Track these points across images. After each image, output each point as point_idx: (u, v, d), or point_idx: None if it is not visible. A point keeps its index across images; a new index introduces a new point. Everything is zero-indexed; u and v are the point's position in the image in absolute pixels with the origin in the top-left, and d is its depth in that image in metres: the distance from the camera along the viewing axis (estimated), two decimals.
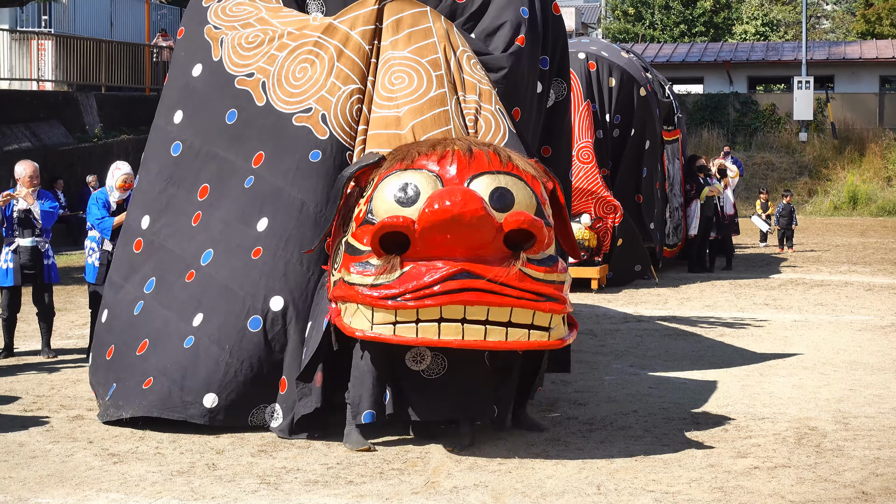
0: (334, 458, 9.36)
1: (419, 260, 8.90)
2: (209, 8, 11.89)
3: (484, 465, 9.15)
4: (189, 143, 11.47)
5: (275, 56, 11.25)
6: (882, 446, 9.74)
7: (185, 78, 11.79)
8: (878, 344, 14.80)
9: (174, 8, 44.47)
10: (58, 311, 14.49)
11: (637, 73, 21.95)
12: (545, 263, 9.08)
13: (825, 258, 26.05)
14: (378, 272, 8.98)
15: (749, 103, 44.89)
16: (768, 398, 11.62)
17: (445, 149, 9.55)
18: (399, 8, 11.34)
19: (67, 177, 28.75)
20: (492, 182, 9.31)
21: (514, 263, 8.87)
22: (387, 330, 9.01)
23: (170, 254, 11.11)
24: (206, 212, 11.04)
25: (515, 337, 8.95)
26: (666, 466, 9.12)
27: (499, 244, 8.90)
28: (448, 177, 9.32)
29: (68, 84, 33.80)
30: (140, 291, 11.09)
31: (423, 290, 8.82)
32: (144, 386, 10.38)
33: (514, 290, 8.84)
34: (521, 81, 11.95)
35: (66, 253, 24.81)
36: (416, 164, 9.47)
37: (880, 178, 40.91)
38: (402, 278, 8.89)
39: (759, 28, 58.39)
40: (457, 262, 8.82)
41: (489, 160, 9.48)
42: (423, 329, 8.91)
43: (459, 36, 11.47)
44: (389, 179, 9.45)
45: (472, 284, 8.79)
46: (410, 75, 10.95)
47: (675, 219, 23.54)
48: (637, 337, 15.34)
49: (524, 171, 9.59)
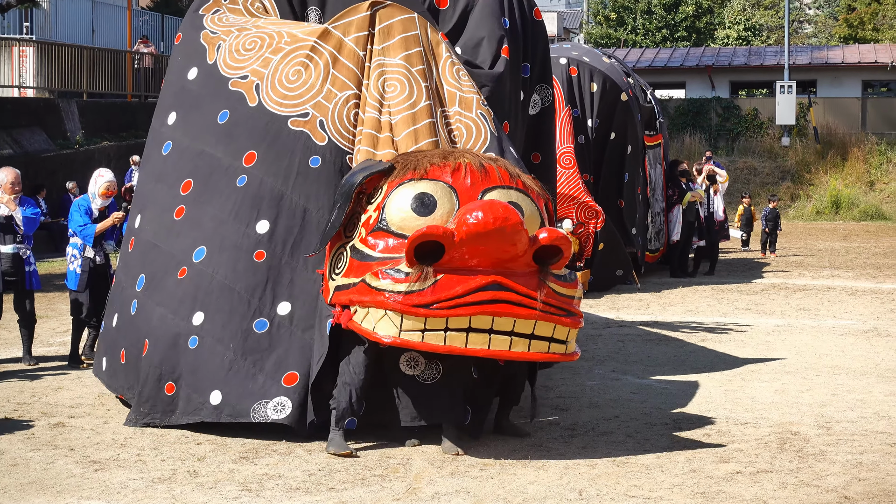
0: (316, 464, 9.34)
1: (451, 269, 9.05)
2: (206, 16, 11.98)
3: (465, 470, 9.15)
4: (178, 142, 11.53)
5: (269, 59, 11.31)
6: (864, 451, 9.75)
7: (181, 82, 11.87)
8: (861, 348, 14.82)
9: (156, 14, 44.43)
10: (39, 318, 14.43)
11: (618, 79, 21.97)
12: (566, 279, 9.37)
13: (808, 263, 26.09)
14: (410, 280, 9.06)
15: (731, 108, 44.98)
16: (750, 403, 11.63)
17: (457, 161, 9.75)
18: (390, 14, 11.41)
19: (49, 184, 28.64)
20: (504, 196, 9.55)
21: (543, 278, 9.13)
22: (415, 336, 9.13)
23: (155, 249, 11.16)
24: (192, 207, 11.06)
25: (537, 349, 9.20)
26: (648, 472, 9.12)
27: (528, 258, 9.14)
28: (463, 189, 9.54)
29: (50, 90, 33.72)
30: (133, 290, 11.16)
31: (456, 299, 8.98)
32: (167, 392, 10.48)
33: (541, 304, 9.08)
34: (507, 95, 12.02)
35: (48, 260, 24.73)
36: (430, 174, 9.66)
37: (863, 183, 41.02)
38: (436, 287, 9.01)
39: (741, 33, 58.54)
40: (489, 274, 9.01)
41: (500, 175, 9.73)
42: (451, 337, 9.06)
43: (444, 43, 11.51)
44: (404, 188, 9.63)
45: (503, 297, 8.99)
46: (402, 83, 11.04)
47: (656, 224, 23.56)
48: (619, 342, 15.34)
49: (530, 188, 9.90)
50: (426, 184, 9.60)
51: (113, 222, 13.54)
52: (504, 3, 12.45)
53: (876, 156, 41.80)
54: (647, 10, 55.85)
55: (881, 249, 29.20)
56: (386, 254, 9.45)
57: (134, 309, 11.07)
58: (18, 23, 36.54)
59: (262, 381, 10.17)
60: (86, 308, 13.61)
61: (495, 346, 9.11)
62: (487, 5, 12.35)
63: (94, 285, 13.61)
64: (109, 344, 11.58)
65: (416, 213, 9.47)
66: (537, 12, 12.93)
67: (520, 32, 12.46)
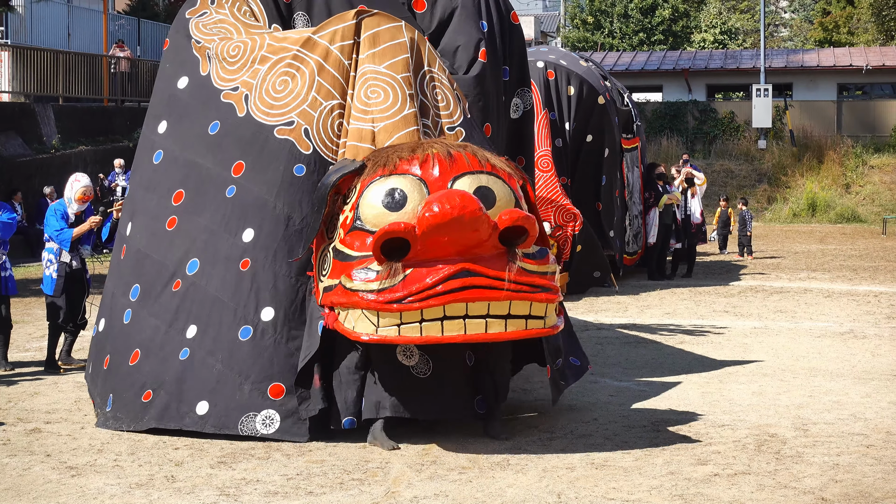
0: (294, 468, 9.32)
1: (419, 262, 9.27)
2: (191, 20, 12.03)
3: (444, 474, 9.14)
4: (169, 152, 11.57)
5: (257, 70, 11.35)
6: (841, 452, 9.77)
7: (171, 90, 11.91)
8: (838, 350, 14.86)
9: (132, 18, 44.30)
10: (15, 323, 14.37)
11: (596, 82, 22.00)
12: (537, 257, 9.57)
13: (784, 265, 26.16)
14: (381, 277, 9.31)
15: (708, 111, 45.11)
16: (728, 405, 11.65)
17: (425, 152, 9.93)
18: (376, 22, 11.42)
19: (25, 188, 28.57)
20: (474, 182, 9.74)
21: (511, 259, 9.33)
22: (392, 332, 9.36)
23: (148, 259, 11.23)
24: (184, 217, 11.12)
25: (514, 327, 9.40)
26: (626, 474, 9.12)
27: (494, 241, 9.33)
28: (432, 179, 9.71)
29: (25, 95, 33.61)
30: (127, 299, 11.22)
31: (427, 290, 9.19)
32: (144, 399, 10.54)
33: (512, 284, 9.29)
34: (488, 98, 12.04)
35: (24, 265, 24.64)
36: (398, 169, 9.85)
37: (839, 186, 41.15)
38: (406, 281, 9.24)
39: (717, 36, 58.65)
40: (456, 262, 9.24)
41: (468, 161, 9.89)
42: (427, 328, 9.29)
43: (431, 51, 11.53)
44: (374, 185, 9.82)
45: (472, 282, 9.22)
46: (386, 91, 11.06)
47: (634, 227, 23.59)
48: (597, 345, 15.35)
49: (501, 169, 10.04)
50: (395, 179, 9.78)
51: (90, 226, 13.50)
52: (482, 6, 12.45)
53: (851, 158, 41.95)
54: (624, 13, 55.93)
55: (857, 252, 29.29)
56: (364, 252, 9.61)
57: (127, 318, 11.12)
58: None
59: (248, 391, 10.24)
60: (62, 313, 13.57)
61: (472, 330, 9.31)
62: (465, 9, 12.35)
63: (70, 290, 13.58)
64: (97, 349, 11.63)
65: (388, 208, 9.64)
66: (514, 16, 12.94)
67: (497, 36, 12.47)
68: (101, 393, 11.14)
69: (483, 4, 12.46)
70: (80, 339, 14.34)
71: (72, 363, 13.82)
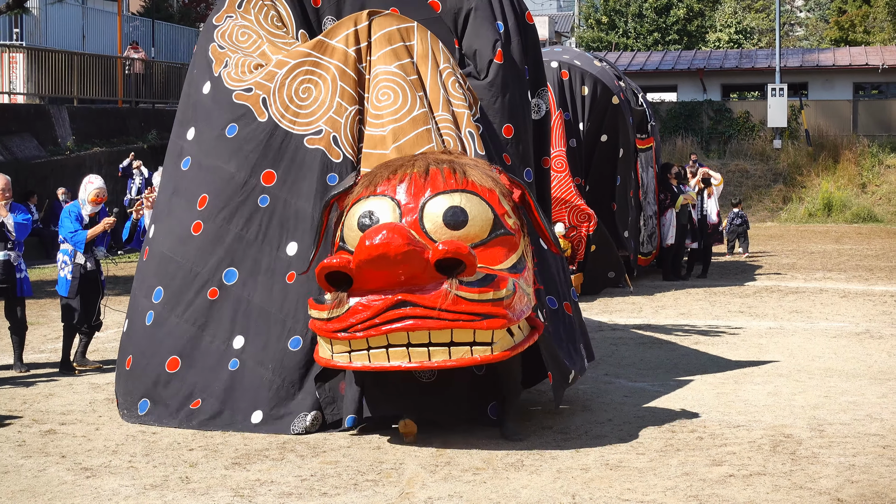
0: (308, 469, 9.32)
1: (363, 292, 9.48)
2: (218, 27, 12.13)
3: (458, 475, 9.13)
4: (196, 158, 11.70)
5: (273, 73, 11.46)
6: (857, 453, 9.74)
7: (197, 95, 12.02)
8: (853, 351, 14.82)
9: (146, 20, 44.39)
10: (30, 324, 14.39)
11: (610, 82, 21.96)
12: (479, 284, 9.48)
13: (800, 265, 26.10)
14: (330, 307, 9.58)
15: (723, 111, 44.99)
16: (743, 406, 11.62)
17: (404, 172, 10.11)
18: (387, 22, 11.55)
19: (40, 190, 28.59)
20: (446, 202, 9.94)
21: (449, 289, 9.37)
22: (343, 358, 9.71)
23: (172, 262, 11.38)
24: (210, 222, 11.28)
25: (458, 355, 9.55)
26: (641, 475, 9.10)
27: (431, 273, 9.39)
28: (404, 202, 9.96)
29: (40, 97, 33.67)
30: (149, 301, 11.38)
31: (368, 321, 9.44)
32: (192, 406, 10.83)
33: (450, 314, 9.39)
34: (508, 98, 12.03)
35: (39, 266, 24.69)
36: (377, 190, 10.09)
37: (855, 185, 41.03)
38: (349, 312, 9.48)
39: (732, 36, 58.53)
40: (395, 293, 9.40)
41: (444, 179, 10.05)
42: (374, 356, 9.58)
43: (444, 52, 11.57)
44: (356, 207, 10.13)
45: (410, 313, 9.39)
46: (396, 92, 11.19)
47: (648, 227, 23.53)
48: (612, 345, 15.33)
49: (480, 186, 10.11)
50: (372, 201, 10.05)
51: (104, 228, 13.53)
52: (495, 8, 12.44)
53: (867, 158, 41.82)
54: (639, 13, 55.84)
55: (873, 251, 29.22)
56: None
57: (149, 319, 11.29)
58: (8, 29, 36.43)
59: (300, 399, 10.62)
60: (77, 314, 13.59)
61: (416, 359, 9.55)
62: (481, 11, 12.34)
63: (84, 291, 13.61)
64: (121, 349, 11.75)
65: (363, 231, 9.85)
66: (529, 16, 12.92)
67: (516, 35, 12.47)
68: (125, 393, 11.27)
69: (498, 5, 12.44)
70: (94, 340, 14.37)
71: (86, 364, 13.84)
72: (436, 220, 9.87)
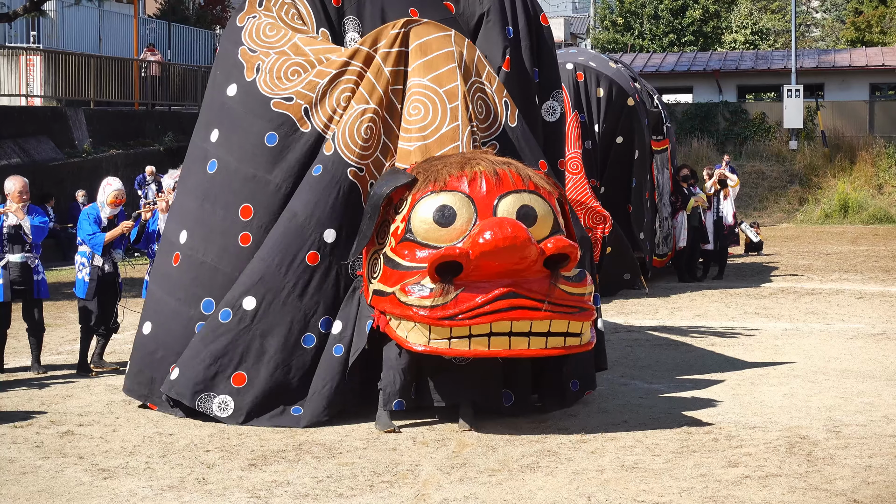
0: (324, 471, 9.35)
1: (470, 282, 9.99)
2: (243, 28, 12.14)
3: (474, 476, 9.15)
4: (224, 162, 11.72)
5: (315, 83, 11.58)
6: (873, 454, 9.73)
7: (221, 98, 12.04)
8: (870, 352, 14.80)
9: (162, 22, 44.50)
10: (48, 326, 14.45)
11: (625, 83, 21.93)
12: (577, 279, 10.32)
13: (816, 266, 26.05)
14: (434, 295, 9.99)
15: (739, 112, 44.90)
16: (759, 407, 11.62)
17: (473, 170, 10.56)
18: (424, 31, 11.70)
19: (57, 192, 28.67)
20: (517, 201, 10.46)
21: (553, 282, 10.05)
22: (443, 344, 10.11)
23: (220, 273, 11.50)
24: (258, 233, 11.43)
25: (554, 344, 10.20)
26: (657, 476, 9.11)
27: (539, 266, 10.06)
28: (479, 197, 10.40)
29: (57, 99, 33.76)
30: (197, 311, 11.49)
31: (476, 309, 9.93)
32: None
33: (553, 306, 10.04)
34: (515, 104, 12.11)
35: (56, 268, 24.75)
36: (448, 185, 10.49)
37: (871, 186, 40.93)
38: (457, 300, 9.97)
39: (748, 37, 58.43)
40: (504, 284, 9.96)
41: (512, 179, 10.56)
42: (475, 342, 10.05)
43: (481, 59, 11.76)
44: (426, 200, 10.49)
45: (517, 303, 9.95)
46: (426, 106, 11.42)
47: (664, 229, 23.50)
48: (627, 347, 15.33)
49: (542, 188, 10.71)
50: (446, 196, 10.44)
51: (122, 231, 13.57)
52: (508, 11, 12.46)
53: (884, 159, 41.71)
54: (654, 14, 55.77)
55: (890, 253, 29.15)
56: (413, 263, 10.31)
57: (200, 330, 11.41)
58: (25, 32, 36.58)
59: (213, 372, 11.01)
60: (94, 316, 13.64)
61: (515, 347, 10.09)
62: (494, 15, 12.38)
63: (102, 294, 13.65)
64: (146, 353, 11.81)
65: (438, 224, 10.36)
66: (543, 17, 12.93)
67: (526, 38, 12.49)
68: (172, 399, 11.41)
69: (510, 8, 12.46)
70: (111, 342, 14.41)
71: (104, 366, 13.88)
72: (509, 216, 10.32)
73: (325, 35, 12.05)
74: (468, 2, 12.54)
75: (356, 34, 12.05)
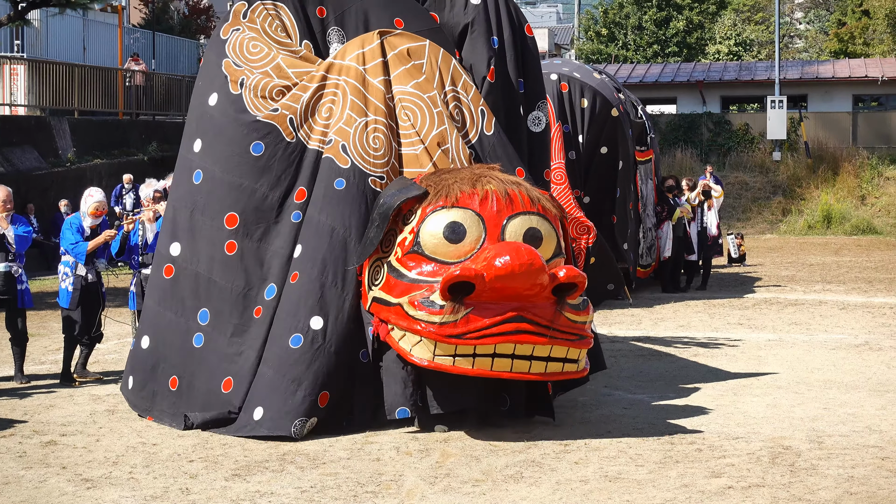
0: (308, 481, 9.34)
1: (480, 303, 10.13)
2: (228, 41, 12.22)
3: (458, 486, 9.15)
4: (209, 172, 11.81)
5: (298, 95, 11.76)
6: (856, 465, 9.75)
7: (203, 107, 12.14)
8: (853, 363, 14.83)
9: (147, 32, 44.45)
10: (31, 336, 14.41)
11: (609, 94, 21.97)
12: (580, 308, 10.50)
13: (799, 277, 26.11)
14: (444, 312, 10.12)
15: (722, 123, 45.01)
16: (742, 418, 11.64)
17: (485, 188, 10.76)
18: (399, 41, 11.97)
19: (41, 202, 28.63)
20: (525, 222, 10.72)
21: (559, 309, 10.27)
22: (447, 361, 10.28)
23: (212, 283, 11.60)
24: (247, 242, 11.55)
25: (553, 369, 10.43)
26: (640, 487, 9.12)
27: (548, 293, 10.26)
28: (489, 216, 10.62)
29: (41, 108, 33.69)
30: (195, 322, 11.60)
31: (484, 330, 10.11)
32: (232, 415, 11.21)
33: (556, 332, 10.25)
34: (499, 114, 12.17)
35: (40, 278, 24.70)
36: (460, 202, 10.68)
37: (854, 197, 41.03)
38: (467, 319, 10.13)
39: (732, 48, 58.52)
40: (512, 307, 10.13)
41: (522, 201, 10.79)
42: (479, 362, 10.24)
43: (456, 68, 11.84)
44: (436, 216, 10.69)
45: (523, 327, 10.13)
46: (415, 112, 11.66)
47: (648, 239, 23.52)
48: (611, 357, 15.32)
49: (548, 210, 10.97)
50: (456, 212, 10.64)
51: (104, 240, 13.56)
52: (493, 22, 12.50)
53: (867, 170, 41.84)
54: (639, 25, 55.86)
55: (872, 264, 29.23)
56: (420, 276, 10.52)
57: (199, 342, 11.52)
58: (9, 41, 36.47)
59: (301, 398, 10.78)
60: (78, 326, 13.62)
61: (517, 369, 10.28)
62: (478, 25, 12.42)
63: (85, 303, 13.63)
64: (147, 366, 11.89)
65: (448, 240, 10.58)
66: (528, 28, 12.97)
67: (511, 48, 12.52)
68: (173, 415, 11.43)
69: (495, 18, 12.50)
70: (95, 351, 14.39)
71: (87, 376, 13.86)
72: (516, 238, 10.58)
73: (308, 48, 12.14)
74: (453, 12, 12.59)
75: (340, 45, 12.13)
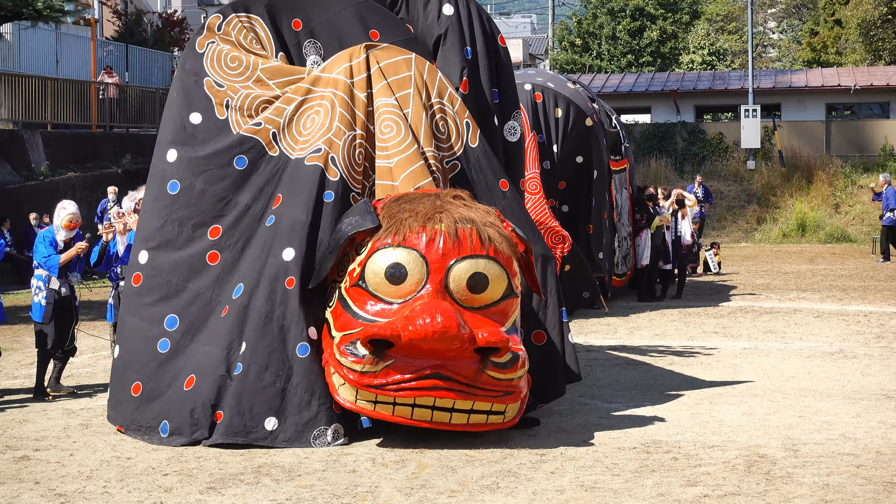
0: (283, 493, 9.30)
1: (401, 356, 10.31)
2: (205, 55, 12.22)
3: (434, 498, 9.12)
4: (188, 183, 11.83)
5: (282, 109, 11.84)
6: (831, 473, 9.76)
7: (182, 121, 12.13)
8: (827, 370, 14.85)
9: (120, 45, 44.32)
10: (4, 350, 14.35)
11: (583, 104, 21.98)
12: (507, 366, 10.52)
13: (774, 285, 26.17)
14: (365, 362, 10.35)
15: (696, 132, 45.13)
16: (718, 426, 11.64)
17: (434, 227, 10.81)
18: (384, 55, 12.05)
19: (14, 215, 28.50)
20: (471, 267, 10.76)
21: (482, 368, 10.39)
22: (368, 406, 10.53)
23: (186, 291, 11.64)
24: (229, 252, 11.64)
25: (476, 420, 10.60)
26: (616, 496, 9.11)
27: (469, 353, 10.37)
28: (433, 259, 10.67)
29: (14, 122, 33.53)
30: (160, 328, 11.59)
31: (402, 383, 10.34)
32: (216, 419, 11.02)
33: (477, 389, 10.43)
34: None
35: (13, 292, 24.60)
36: (406, 241, 10.75)
37: (828, 206, 41.19)
38: (386, 371, 10.34)
39: (705, 57, 58.77)
40: (432, 363, 10.31)
41: (471, 244, 10.82)
42: (399, 410, 10.46)
43: (442, 80, 11.89)
44: (382, 253, 10.80)
45: (442, 384, 10.35)
46: (398, 124, 11.72)
47: (623, 248, 23.56)
48: (587, 366, 15.32)
49: (500, 252, 10.95)
50: (401, 252, 10.74)
51: (76, 252, 13.50)
52: (466, 32, 12.51)
53: (841, 178, 42.00)
54: (612, 35, 56.05)
55: (847, 272, 29.32)
56: (361, 312, 10.71)
57: (165, 347, 11.52)
58: None
59: (316, 408, 10.88)
60: (51, 340, 13.56)
61: (437, 419, 10.52)
62: (451, 36, 12.44)
63: (59, 317, 13.57)
64: (118, 377, 11.86)
65: (389, 280, 10.70)
66: (501, 38, 12.98)
67: (485, 59, 12.54)
68: (135, 420, 11.41)
69: (468, 29, 12.51)
70: (68, 365, 14.32)
71: (60, 390, 13.79)
72: (460, 282, 10.70)
73: (283, 59, 12.17)
74: (426, 23, 12.60)
75: (318, 56, 12.17)
